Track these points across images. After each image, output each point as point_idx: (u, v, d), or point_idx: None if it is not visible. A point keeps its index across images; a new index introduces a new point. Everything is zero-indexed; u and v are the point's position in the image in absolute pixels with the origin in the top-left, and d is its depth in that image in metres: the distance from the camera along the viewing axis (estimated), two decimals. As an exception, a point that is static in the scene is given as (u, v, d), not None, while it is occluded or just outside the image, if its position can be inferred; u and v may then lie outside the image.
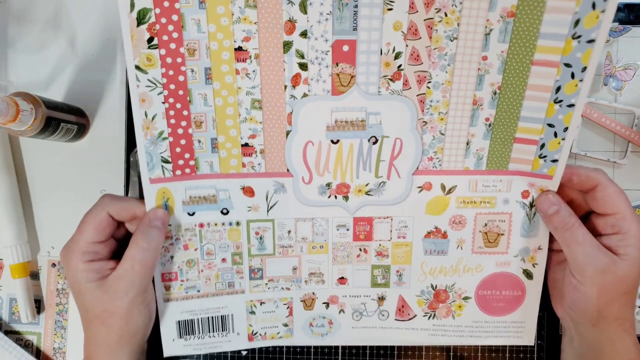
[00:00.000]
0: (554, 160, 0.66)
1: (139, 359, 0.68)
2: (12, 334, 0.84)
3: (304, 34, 0.63)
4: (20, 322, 0.84)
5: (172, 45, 0.63)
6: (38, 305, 0.84)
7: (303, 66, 0.65)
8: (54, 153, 0.83)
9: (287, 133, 0.68)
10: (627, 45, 0.79)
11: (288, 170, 0.69)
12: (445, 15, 0.63)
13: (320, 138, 0.68)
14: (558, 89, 0.63)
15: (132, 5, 0.60)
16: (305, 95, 0.66)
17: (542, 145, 0.66)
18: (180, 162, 0.67)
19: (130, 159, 0.79)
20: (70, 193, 0.84)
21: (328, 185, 0.70)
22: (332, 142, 0.68)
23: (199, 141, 0.67)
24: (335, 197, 0.71)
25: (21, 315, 0.82)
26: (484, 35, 0.63)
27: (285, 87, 0.66)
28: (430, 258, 0.73)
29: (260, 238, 0.72)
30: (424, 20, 0.63)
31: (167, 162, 0.67)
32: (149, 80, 0.63)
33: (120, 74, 0.83)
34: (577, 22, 0.59)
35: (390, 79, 0.65)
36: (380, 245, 0.73)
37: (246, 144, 0.68)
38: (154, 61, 0.63)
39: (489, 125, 0.68)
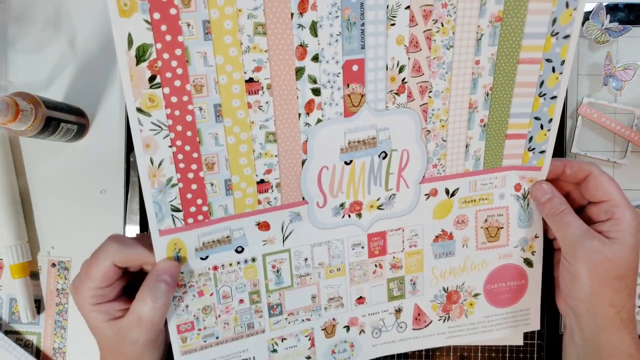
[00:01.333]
0: (542, 152, 0.75)
1: None
2: (12, 334, 0.89)
3: (315, 58, 0.65)
4: (20, 322, 0.89)
5: (177, 83, 0.60)
6: (38, 305, 0.89)
7: (316, 91, 0.66)
8: (54, 153, 0.88)
9: (303, 162, 0.69)
10: (627, 45, 0.86)
11: (303, 198, 0.71)
12: (442, 25, 0.68)
13: (335, 161, 0.70)
14: (542, 84, 0.71)
15: (130, 42, 0.57)
16: (319, 120, 0.68)
17: (531, 139, 0.74)
18: (192, 209, 0.66)
19: (130, 159, 0.82)
20: (70, 193, 0.88)
21: (342, 205, 0.73)
22: (346, 163, 0.71)
23: (212, 184, 0.66)
24: (349, 216, 0.74)
25: (21, 315, 0.87)
26: (476, 41, 0.70)
27: (300, 115, 0.67)
28: (439, 261, 0.79)
29: (277, 271, 0.73)
30: (423, 32, 0.68)
31: (177, 210, 0.65)
32: (152, 123, 0.61)
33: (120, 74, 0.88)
34: (554, 21, 0.68)
35: (396, 93, 0.69)
36: (394, 257, 0.78)
37: (262, 181, 0.68)
38: (157, 102, 0.60)
39: (484, 126, 0.74)
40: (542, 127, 0.74)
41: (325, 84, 0.67)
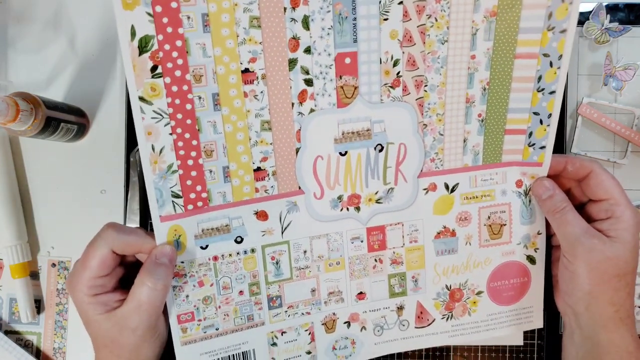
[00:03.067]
0: (542, 147, 0.76)
1: None
2: (12, 334, 0.91)
3: (307, 50, 0.69)
4: (20, 322, 0.90)
5: (178, 73, 0.65)
6: (38, 305, 0.91)
7: (308, 82, 0.70)
8: (54, 153, 0.90)
9: (297, 150, 0.73)
10: (627, 45, 0.88)
11: (300, 187, 0.74)
12: (436, 20, 0.71)
13: (329, 151, 0.74)
14: (539, 79, 0.74)
15: (133, 34, 0.62)
16: (312, 110, 0.71)
17: (530, 134, 0.76)
18: (192, 195, 0.70)
19: (130, 159, 0.84)
20: (70, 193, 0.90)
21: (339, 198, 0.76)
22: (341, 154, 0.74)
23: (210, 171, 0.70)
24: (347, 209, 0.77)
25: (21, 315, 0.88)
26: (471, 36, 0.73)
27: (293, 104, 0.71)
28: (442, 258, 0.81)
29: (277, 263, 0.76)
30: (417, 26, 0.71)
31: (178, 196, 0.69)
32: (154, 111, 0.65)
33: (120, 74, 0.90)
34: (550, 15, 0.71)
35: (391, 87, 0.73)
36: (394, 252, 0.80)
37: (258, 168, 0.72)
38: (158, 91, 0.65)
39: (482, 121, 0.77)
40: (541, 122, 0.76)
41: (317, 75, 0.71)
